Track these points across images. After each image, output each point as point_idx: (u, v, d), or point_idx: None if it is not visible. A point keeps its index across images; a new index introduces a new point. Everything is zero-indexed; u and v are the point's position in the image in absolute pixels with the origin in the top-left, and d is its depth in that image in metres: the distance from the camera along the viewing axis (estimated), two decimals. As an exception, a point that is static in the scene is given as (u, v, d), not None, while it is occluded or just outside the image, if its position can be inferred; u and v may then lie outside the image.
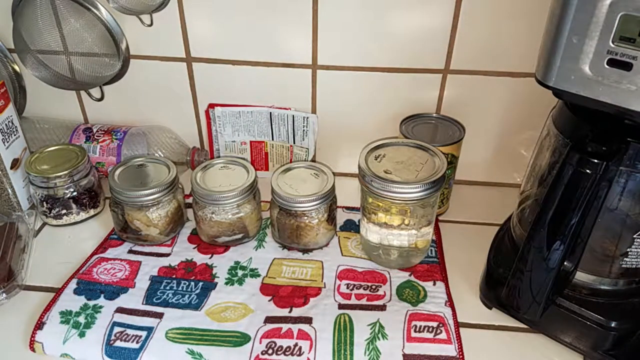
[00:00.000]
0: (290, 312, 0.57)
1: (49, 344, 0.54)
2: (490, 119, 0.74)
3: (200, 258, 0.65)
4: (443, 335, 0.54)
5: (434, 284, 0.60)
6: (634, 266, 0.49)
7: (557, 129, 0.50)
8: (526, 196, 0.57)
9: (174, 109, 0.80)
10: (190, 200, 0.68)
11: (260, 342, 0.53)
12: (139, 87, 0.78)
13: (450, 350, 0.52)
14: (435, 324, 0.55)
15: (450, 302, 0.58)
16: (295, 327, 0.55)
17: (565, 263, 0.48)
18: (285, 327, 0.55)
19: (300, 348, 0.53)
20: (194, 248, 0.67)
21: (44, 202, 0.69)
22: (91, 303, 0.58)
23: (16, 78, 0.79)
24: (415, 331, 0.54)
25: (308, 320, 0.56)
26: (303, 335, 0.54)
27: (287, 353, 0.52)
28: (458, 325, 0.55)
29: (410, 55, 0.70)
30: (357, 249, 0.66)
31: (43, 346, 0.54)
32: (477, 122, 0.73)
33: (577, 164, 0.42)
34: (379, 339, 0.53)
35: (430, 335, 0.54)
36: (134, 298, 0.59)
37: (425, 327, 0.55)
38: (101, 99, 0.78)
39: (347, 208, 0.73)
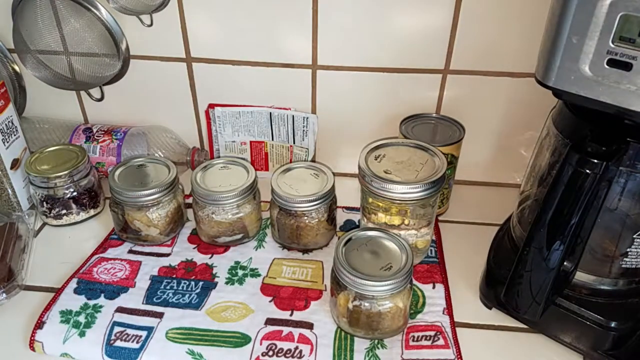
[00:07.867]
0: (291, 315, 0.57)
1: (49, 344, 0.54)
2: (490, 119, 0.74)
3: (200, 258, 0.65)
4: (441, 342, 0.54)
5: (433, 287, 0.60)
6: (633, 266, 0.49)
7: (557, 129, 0.50)
8: (526, 196, 0.57)
9: (174, 109, 0.80)
10: (190, 200, 0.68)
11: (261, 344, 0.53)
12: (139, 87, 0.78)
13: (448, 354, 0.52)
14: (432, 333, 0.55)
15: (448, 310, 0.58)
16: (296, 331, 0.55)
17: (565, 263, 0.48)
18: (286, 330, 0.55)
19: (301, 351, 0.53)
20: (194, 248, 0.67)
21: (44, 202, 0.69)
22: (91, 303, 0.58)
23: (16, 78, 0.79)
24: (413, 341, 0.54)
25: (309, 326, 0.56)
26: (304, 340, 0.54)
27: (287, 355, 0.52)
28: (456, 332, 0.55)
29: (410, 55, 0.70)
30: (357, 249, 0.66)
31: (43, 346, 0.54)
32: (477, 122, 0.73)
33: (577, 164, 0.42)
34: (378, 348, 0.54)
35: (428, 343, 0.54)
36: (134, 298, 0.59)
37: (422, 336, 0.55)
38: (101, 99, 0.78)
39: (347, 208, 0.73)
